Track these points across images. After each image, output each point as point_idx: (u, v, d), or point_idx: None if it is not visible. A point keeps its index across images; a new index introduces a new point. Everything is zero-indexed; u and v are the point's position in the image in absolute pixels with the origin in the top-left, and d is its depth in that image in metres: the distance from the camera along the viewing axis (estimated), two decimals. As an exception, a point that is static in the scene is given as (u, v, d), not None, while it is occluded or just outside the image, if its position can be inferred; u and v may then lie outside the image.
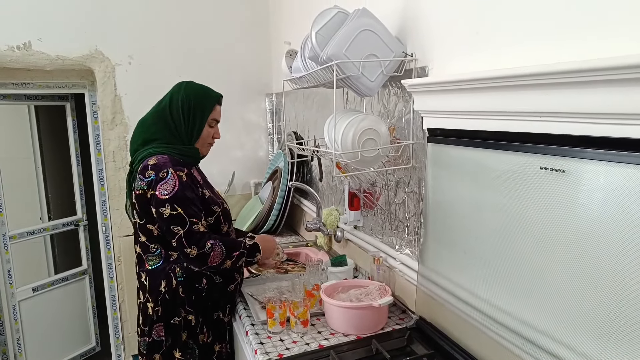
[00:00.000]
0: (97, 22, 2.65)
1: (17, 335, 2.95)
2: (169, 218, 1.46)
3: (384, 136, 1.45)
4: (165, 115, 1.59)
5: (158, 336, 1.56)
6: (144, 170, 1.51)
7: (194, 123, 1.60)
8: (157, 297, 1.55)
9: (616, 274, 0.79)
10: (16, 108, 3.04)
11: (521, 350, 1.01)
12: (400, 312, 1.57)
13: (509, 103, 0.98)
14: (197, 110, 1.60)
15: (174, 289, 1.55)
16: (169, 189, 1.47)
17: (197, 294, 1.58)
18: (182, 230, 1.46)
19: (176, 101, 1.59)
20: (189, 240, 1.46)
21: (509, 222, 1.04)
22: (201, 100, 1.62)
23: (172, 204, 1.46)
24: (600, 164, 0.81)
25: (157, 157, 1.53)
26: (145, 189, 1.50)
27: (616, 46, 0.81)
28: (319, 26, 1.42)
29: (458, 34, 1.23)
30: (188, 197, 1.50)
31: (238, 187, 3.12)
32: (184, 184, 1.50)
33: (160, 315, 1.55)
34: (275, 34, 2.98)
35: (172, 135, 1.59)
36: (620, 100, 0.74)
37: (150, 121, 1.62)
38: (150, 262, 1.58)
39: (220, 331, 1.67)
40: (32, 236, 3.08)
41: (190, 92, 1.61)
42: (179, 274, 1.55)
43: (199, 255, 1.47)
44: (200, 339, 1.61)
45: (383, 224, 1.73)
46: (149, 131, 1.60)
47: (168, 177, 1.48)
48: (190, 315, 1.57)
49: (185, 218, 1.47)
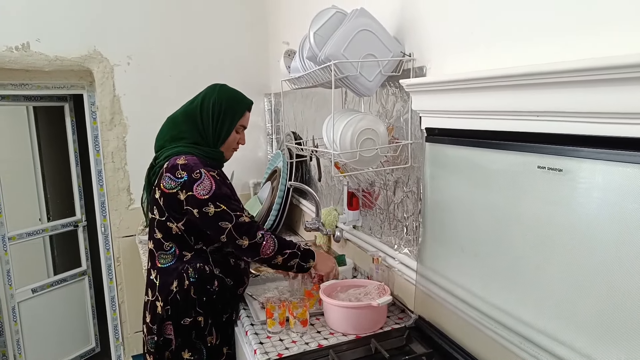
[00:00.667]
0: (96, 22, 2.65)
1: (16, 336, 2.95)
2: (214, 216, 1.47)
3: (382, 136, 1.45)
4: (195, 115, 1.60)
5: (168, 334, 1.56)
6: (173, 170, 1.50)
7: (222, 127, 1.61)
8: (167, 297, 1.55)
9: (613, 272, 0.80)
10: (15, 109, 3.04)
11: (519, 348, 1.02)
12: (399, 311, 1.57)
13: (506, 102, 0.99)
14: (227, 114, 1.61)
15: (186, 290, 1.54)
16: (207, 189, 1.48)
17: (208, 295, 1.57)
18: (230, 224, 1.47)
19: (208, 103, 1.60)
20: (239, 231, 1.47)
21: (506, 221, 1.04)
22: (232, 105, 1.62)
23: (214, 202, 1.47)
24: (597, 163, 0.81)
25: (186, 157, 1.52)
26: (178, 189, 1.49)
27: (612, 45, 0.81)
28: (317, 26, 1.42)
29: (455, 33, 1.24)
30: (226, 193, 1.52)
31: (237, 187, 3.09)
32: (219, 182, 1.52)
33: (170, 314, 1.55)
34: (273, 34, 2.98)
35: (199, 136, 1.60)
36: (617, 99, 0.75)
37: (180, 119, 1.62)
38: (162, 260, 1.58)
39: (227, 334, 1.66)
40: (31, 237, 3.08)
41: (222, 96, 1.61)
42: (191, 275, 1.55)
43: (251, 245, 1.47)
44: (208, 340, 1.60)
45: (382, 223, 1.73)
46: (177, 129, 1.61)
47: (202, 178, 1.48)
48: (200, 316, 1.57)
49: (230, 213, 1.48)
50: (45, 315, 3.09)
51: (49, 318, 3.11)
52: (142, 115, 2.76)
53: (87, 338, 3.37)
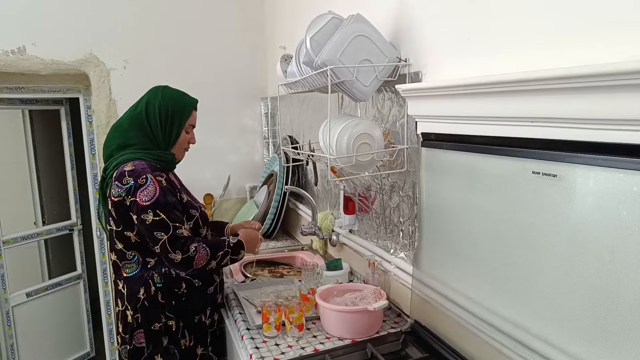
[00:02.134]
0: (92, 26, 2.65)
1: (10, 341, 2.92)
2: (151, 224, 1.45)
3: (378, 140, 1.45)
4: (142, 120, 1.57)
5: (139, 343, 1.55)
6: (121, 177, 1.49)
7: (171, 129, 1.60)
8: (135, 305, 1.54)
9: (607, 277, 0.80)
10: (10, 112, 3.03)
11: (514, 352, 1.02)
12: (395, 315, 1.57)
13: (502, 108, 0.99)
14: (175, 116, 1.59)
15: (153, 296, 1.53)
16: (150, 195, 1.46)
17: (176, 298, 1.57)
18: (165, 235, 1.45)
19: (153, 107, 1.58)
20: (173, 245, 1.45)
21: (501, 226, 1.05)
22: (179, 106, 1.61)
23: (154, 210, 1.45)
24: (591, 168, 0.82)
25: (133, 163, 1.50)
26: (124, 195, 1.47)
27: (607, 52, 0.82)
28: (314, 31, 1.43)
29: (451, 39, 1.25)
30: (170, 202, 1.49)
31: (233, 191, 3.12)
32: (165, 189, 1.49)
33: (140, 322, 1.54)
34: (270, 39, 2.99)
35: (149, 140, 1.58)
36: (612, 106, 0.75)
37: (126, 126, 1.59)
38: (127, 270, 1.56)
39: (201, 334, 1.66)
40: (26, 241, 3.06)
41: (167, 99, 1.60)
42: (157, 280, 1.54)
43: (183, 260, 1.45)
44: (182, 343, 1.59)
45: (378, 227, 1.73)
46: (124, 136, 1.58)
47: (148, 183, 1.47)
48: (170, 320, 1.56)
49: (168, 223, 1.46)
50: (40, 319, 3.07)
51: (43, 322, 3.09)
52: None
53: (82, 342, 3.35)
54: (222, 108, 2.98)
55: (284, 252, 2.35)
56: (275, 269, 2.16)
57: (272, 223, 2.55)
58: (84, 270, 3.30)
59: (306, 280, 1.80)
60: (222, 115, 3.01)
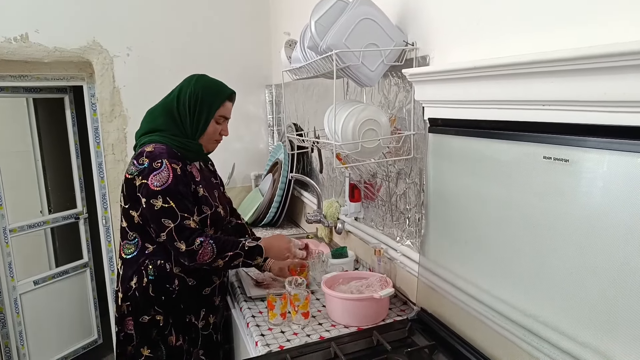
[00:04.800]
0: (95, 13, 2.62)
1: (19, 328, 2.96)
2: (160, 210, 1.43)
3: (384, 127, 1.43)
4: (172, 107, 1.56)
5: (129, 330, 1.54)
6: (138, 157, 1.48)
7: (199, 118, 1.56)
8: (127, 292, 1.53)
9: (619, 263, 0.78)
10: (14, 101, 3.03)
11: (522, 340, 1.01)
12: (402, 303, 1.56)
13: (511, 92, 0.97)
14: (204, 105, 1.55)
15: (144, 287, 1.51)
16: (162, 181, 1.44)
17: (167, 294, 1.53)
18: (172, 224, 1.43)
19: (184, 94, 1.55)
20: (179, 235, 1.44)
21: (511, 213, 1.03)
22: (210, 95, 1.56)
23: (164, 197, 1.44)
24: (604, 152, 0.80)
25: (155, 146, 1.50)
26: (136, 175, 1.46)
27: (620, 32, 0.79)
28: (319, 15, 1.40)
29: (459, 22, 1.21)
30: (181, 191, 1.47)
31: (238, 179, 3.11)
32: (178, 177, 1.47)
33: (130, 310, 1.53)
34: (274, 25, 2.96)
35: (177, 128, 1.56)
36: (624, 87, 0.73)
37: (158, 112, 1.59)
38: (125, 250, 1.56)
39: (192, 336, 1.61)
40: (32, 229, 3.08)
41: (199, 87, 1.56)
42: (150, 272, 1.51)
43: (187, 251, 1.44)
44: (169, 340, 1.56)
45: (384, 215, 1.72)
46: (155, 122, 1.57)
47: (162, 168, 1.45)
48: (159, 315, 1.53)
49: (177, 212, 1.44)
50: (47, 307, 3.09)
51: (51, 310, 3.12)
52: (143, 107, 2.69)
53: (90, 330, 3.39)
54: (226, 96, 2.96)
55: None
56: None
57: (277, 211, 2.54)
58: (90, 259, 3.32)
59: (312, 268, 1.79)
60: (227, 103, 2.98)
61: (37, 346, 3.06)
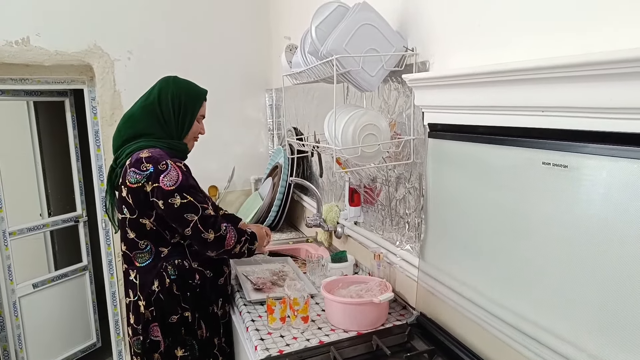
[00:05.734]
0: (96, 17, 2.63)
1: (17, 331, 2.95)
2: (180, 207, 1.46)
3: (384, 131, 1.44)
4: (154, 110, 1.58)
5: (154, 336, 1.55)
6: (137, 164, 1.48)
7: (184, 119, 1.61)
8: (150, 297, 1.54)
9: (617, 269, 0.79)
10: (15, 104, 3.03)
11: (521, 345, 1.01)
12: (401, 308, 1.56)
13: (510, 97, 0.97)
14: (187, 107, 1.61)
15: (168, 288, 1.54)
16: (174, 180, 1.47)
17: (191, 290, 1.58)
18: (196, 216, 1.47)
19: (166, 96, 1.58)
20: (205, 224, 1.48)
21: (510, 218, 1.03)
22: (192, 97, 1.63)
23: (180, 193, 1.47)
24: (603, 159, 0.80)
25: (149, 150, 1.51)
26: (144, 182, 1.47)
27: (621, 39, 0.80)
28: (319, 20, 1.41)
29: (459, 28, 1.22)
30: (193, 184, 1.52)
31: (238, 183, 3.11)
32: (186, 173, 1.52)
33: (155, 315, 1.54)
34: (275, 29, 2.96)
35: (162, 130, 1.59)
36: (624, 94, 0.73)
37: (138, 116, 1.59)
38: (139, 260, 1.56)
39: (215, 325, 1.68)
40: (32, 232, 3.08)
41: (180, 88, 1.61)
42: (171, 272, 1.54)
43: (216, 239, 1.49)
44: (199, 334, 1.61)
45: (383, 219, 1.72)
46: (137, 126, 1.58)
47: (169, 169, 1.48)
48: (186, 312, 1.57)
49: (196, 204, 1.48)
50: (46, 310, 3.09)
51: (50, 313, 3.11)
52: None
53: (88, 333, 3.38)
54: (226, 99, 2.97)
55: (288, 244, 2.34)
56: None
57: (276, 215, 2.54)
58: (89, 262, 3.32)
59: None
60: (227, 107, 2.99)
61: (36, 349, 3.05)
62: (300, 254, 2.26)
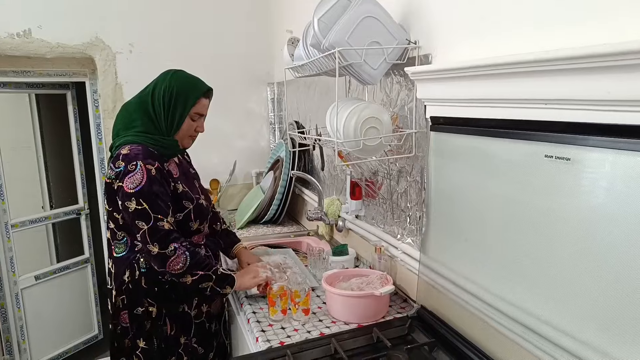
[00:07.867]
0: (98, 9, 2.63)
1: (20, 323, 2.97)
2: (134, 212, 1.43)
3: (386, 125, 1.44)
4: (147, 103, 1.54)
5: (125, 323, 1.56)
6: (115, 160, 1.48)
7: (174, 114, 1.53)
8: (120, 286, 1.54)
9: (621, 263, 0.79)
10: (17, 96, 3.03)
11: (522, 338, 1.01)
12: (402, 301, 1.57)
13: (513, 90, 0.97)
14: (178, 101, 1.53)
15: (137, 280, 1.53)
16: (136, 183, 1.43)
17: (159, 285, 1.54)
18: (146, 226, 1.42)
19: (159, 90, 1.53)
20: (152, 236, 1.43)
21: (512, 211, 1.03)
22: (185, 91, 1.54)
23: (137, 199, 1.43)
24: (607, 151, 0.80)
25: (130, 147, 1.48)
26: (113, 178, 1.47)
27: (625, 31, 0.79)
28: (321, 13, 1.40)
29: (462, 20, 1.22)
30: (155, 191, 1.45)
31: (239, 176, 3.11)
32: (152, 179, 1.45)
33: (125, 303, 1.54)
34: (277, 22, 2.95)
35: (151, 123, 1.54)
36: (628, 86, 0.73)
37: (133, 107, 1.56)
38: (116, 249, 1.57)
39: (185, 324, 1.62)
40: (34, 225, 3.09)
41: (174, 82, 1.54)
42: (142, 265, 1.52)
43: (159, 254, 1.43)
44: (164, 330, 1.57)
45: (385, 213, 1.72)
46: (129, 117, 1.55)
47: (136, 170, 1.44)
48: (152, 307, 1.54)
49: (150, 214, 1.43)
50: (48, 302, 3.10)
51: (52, 305, 3.13)
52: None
53: (90, 325, 3.39)
54: (228, 93, 2.97)
55: (290, 238, 2.35)
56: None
57: (278, 209, 2.55)
58: (91, 254, 3.33)
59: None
60: (228, 100, 2.99)
61: (38, 341, 3.07)
62: (302, 247, 2.27)
